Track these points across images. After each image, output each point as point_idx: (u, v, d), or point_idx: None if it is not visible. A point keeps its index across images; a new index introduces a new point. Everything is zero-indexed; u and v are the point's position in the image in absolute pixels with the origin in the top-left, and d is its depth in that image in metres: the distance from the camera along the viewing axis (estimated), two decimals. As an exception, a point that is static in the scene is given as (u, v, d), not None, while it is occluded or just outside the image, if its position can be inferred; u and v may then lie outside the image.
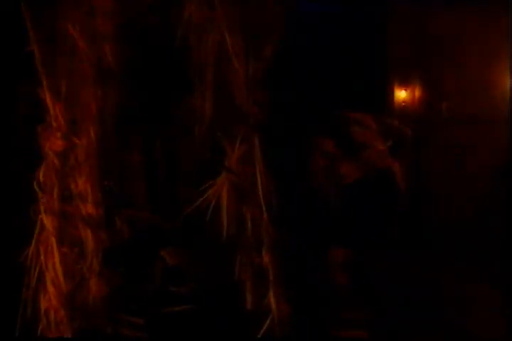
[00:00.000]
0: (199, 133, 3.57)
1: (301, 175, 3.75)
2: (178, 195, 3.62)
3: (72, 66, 3.44)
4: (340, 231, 3.75)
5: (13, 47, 3.78)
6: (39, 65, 3.41)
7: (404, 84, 5.70)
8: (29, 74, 3.71)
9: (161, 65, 3.56)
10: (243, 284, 3.54)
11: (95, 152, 3.48)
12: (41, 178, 3.47)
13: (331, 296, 3.71)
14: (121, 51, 3.46)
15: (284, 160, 3.62)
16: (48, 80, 3.42)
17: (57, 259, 3.43)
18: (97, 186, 3.50)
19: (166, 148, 3.67)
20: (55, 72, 3.44)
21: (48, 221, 3.45)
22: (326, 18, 3.78)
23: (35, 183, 3.46)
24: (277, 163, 3.56)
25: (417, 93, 6.12)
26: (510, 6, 5.33)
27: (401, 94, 5.83)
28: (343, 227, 3.75)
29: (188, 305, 3.52)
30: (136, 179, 3.65)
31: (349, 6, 3.93)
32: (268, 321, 3.48)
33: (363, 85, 3.96)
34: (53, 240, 3.45)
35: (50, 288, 3.40)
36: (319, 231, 3.71)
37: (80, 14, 3.37)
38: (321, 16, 3.77)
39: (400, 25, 5.40)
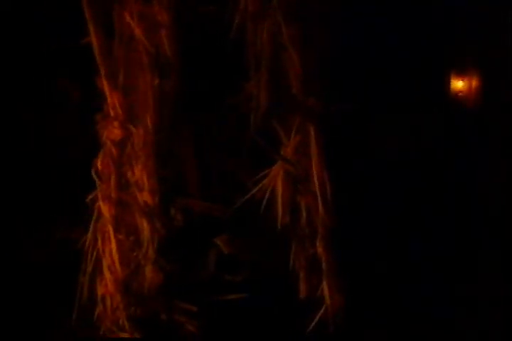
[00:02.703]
0: (254, 122, 3.57)
1: (357, 164, 3.72)
2: (233, 184, 3.63)
3: (129, 55, 3.47)
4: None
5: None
6: (97, 54, 3.44)
7: (462, 74, 5.61)
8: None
9: (217, 53, 3.57)
10: (297, 273, 3.54)
11: (152, 140, 3.51)
12: (99, 166, 3.52)
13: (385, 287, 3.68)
14: (177, 40, 3.47)
15: (340, 149, 3.59)
16: (106, 69, 3.46)
17: (113, 246, 3.47)
18: (153, 174, 3.53)
19: (221, 136, 3.68)
20: (113, 62, 3.47)
21: (105, 209, 3.50)
22: (383, 6, 3.74)
23: (93, 171, 3.51)
24: (333, 152, 3.55)
25: (474, 83, 6.02)
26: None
27: (458, 85, 5.74)
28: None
29: (242, 293, 3.54)
30: (191, 168, 3.67)
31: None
32: (321, 311, 3.47)
33: (419, 75, 3.91)
34: (110, 227, 3.49)
35: (107, 274, 3.45)
36: (373, 221, 3.68)
37: (137, 3, 3.39)
38: (378, 3, 3.73)
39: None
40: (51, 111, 4.10)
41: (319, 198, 3.48)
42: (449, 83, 4.86)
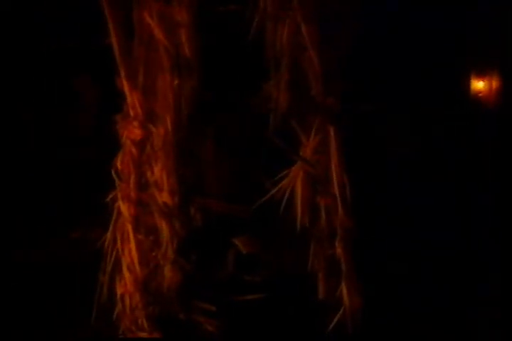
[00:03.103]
0: (274, 122, 3.56)
1: (376, 165, 3.71)
2: (252, 184, 3.62)
3: (149, 55, 3.48)
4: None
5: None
6: (117, 54, 3.45)
7: (482, 75, 5.58)
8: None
9: (236, 53, 3.57)
10: (316, 274, 3.53)
11: (171, 140, 3.51)
12: (119, 166, 3.52)
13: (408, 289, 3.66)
14: (197, 40, 3.47)
15: (359, 150, 3.58)
16: (126, 70, 3.46)
17: (133, 246, 3.48)
18: (173, 174, 3.53)
19: (241, 136, 3.68)
20: (133, 62, 3.48)
21: (124, 208, 3.50)
22: (405, 5, 3.72)
23: (113, 171, 3.52)
24: (352, 153, 3.53)
25: (495, 84, 5.98)
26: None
27: (478, 85, 5.71)
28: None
29: (261, 293, 3.53)
30: (210, 168, 3.67)
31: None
32: (340, 313, 3.46)
33: (440, 76, 3.89)
34: (129, 227, 3.50)
35: (126, 274, 3.45)
36: (392, 222, 3.67)
37: (157, 3, 3.40)
38: (401, 3, 3.72)
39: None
40: (68, 112, 4.12)
41: (338, 199, 3.47)
42: (469, 84, 4.84)
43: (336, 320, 3.43)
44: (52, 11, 3.83)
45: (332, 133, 3.51)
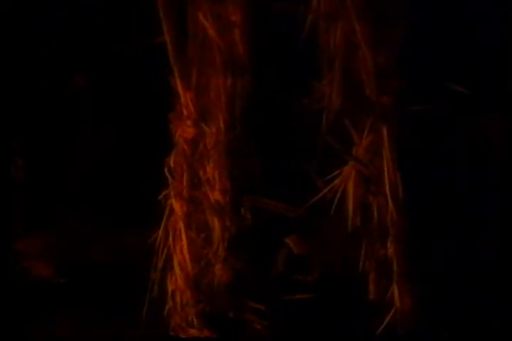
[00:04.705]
0: (326, 121, 3.55)
1: (429, 165, 3.65)
2: (304, 184, 3.62)
3: (202, 55, 3.52)
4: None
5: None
6: (171, 53, 3.50)
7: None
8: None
9: (290, 52, 3.57)
10: (367, 275, 3.50)
11: (224, 139, 3.54)
12: (172, 164, 3.57)
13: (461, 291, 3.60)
14: (250, 39, 3.50)
15: (413, 150, 3.54)
16: (179, 69, 3.51)
17: (184, 243, 3.52)
18: (225, 173, 3.56)
19: (293, 136, 3.68)
20: (186, 62, 3.53)
21: (177, 206, 3.55)
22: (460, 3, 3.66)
23: (166, 169, 3.57)
24: (405, 153, 3.50)
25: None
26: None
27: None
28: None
29: (311, 293, 3.52)
30: (262, 167, 3.68)
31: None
32: (390, 315, 3.42)
33: (496, 74, 3.81)
34: (181, 225, 3.54)
35: (177, 271, 3.49)
36: (445, 223, 3.60)
37: (211, 2, 3.43)
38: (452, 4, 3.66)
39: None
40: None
41: (390, 199, 3.43)
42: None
43: (386, 321, 3.39)
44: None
45: (385, 132, 3.48)
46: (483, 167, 3.71)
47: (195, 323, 3.48)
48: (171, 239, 3.53)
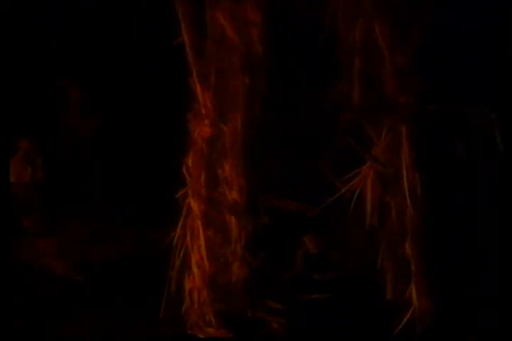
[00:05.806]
0: (345, 121, 3.55)
1: (448, 165, 3.63)
2: (322, 183, 3.62)
3: (220, 55, 3.52)
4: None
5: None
6: (190, 54, 3.50)
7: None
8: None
9: (308, 52, 3.58)
10: (385, 274, 3.49)
11: (241, 139, 3.54)
12: (190, 163, 3.57)
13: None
14: (269, 39, 3.50)
15: (432, 150, 3.53)
16: (198, 69, 3.51)
17: (202, 242, 3.51)
18: (242, 173, 3.56)
19: (311, 135, 3.68)
20: (205, 62, 3.53)
21: (194, 205, 3.54)
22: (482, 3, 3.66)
23: (184, 168, 3.57)
24: (425, 153, 3.49)
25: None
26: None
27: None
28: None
29: (329, 292, 3.52)
30: (279, 166, 3.69)
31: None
32: (409, 314, 3.41)
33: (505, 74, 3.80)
34: (199, 224, 3.53)
35: (195, 269, 3.49)
36: (463, 223, 3.58)
37: (229, 2, 3.44)
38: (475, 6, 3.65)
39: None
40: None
41: (409, 199, 3.42)
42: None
43: (404, 320, 3.38)
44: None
45: (404, 132, 3.47)
46: (504, 167, 3.68)
47: (212, 322, 3.47)
48: (188, 237, 3.52)
